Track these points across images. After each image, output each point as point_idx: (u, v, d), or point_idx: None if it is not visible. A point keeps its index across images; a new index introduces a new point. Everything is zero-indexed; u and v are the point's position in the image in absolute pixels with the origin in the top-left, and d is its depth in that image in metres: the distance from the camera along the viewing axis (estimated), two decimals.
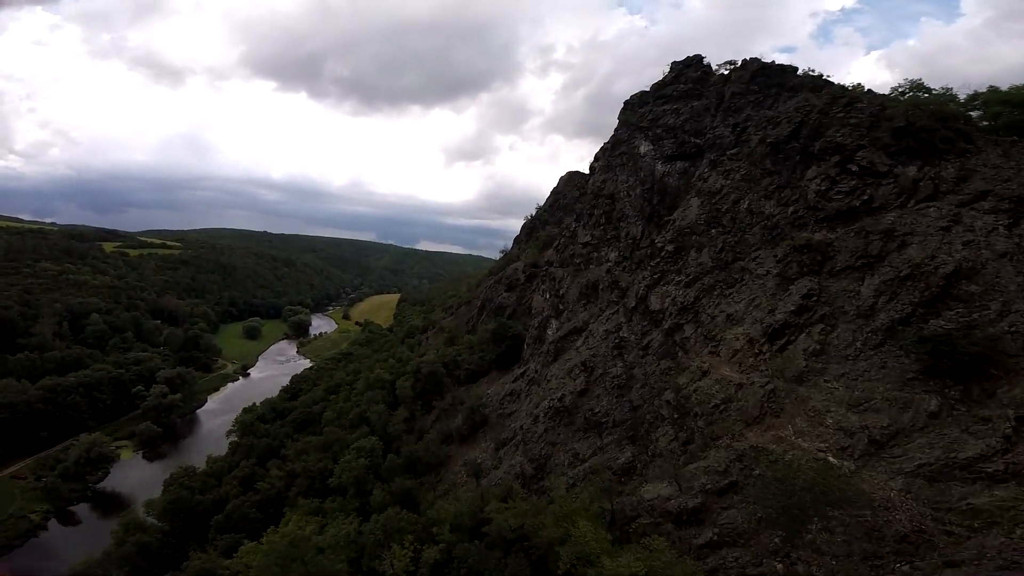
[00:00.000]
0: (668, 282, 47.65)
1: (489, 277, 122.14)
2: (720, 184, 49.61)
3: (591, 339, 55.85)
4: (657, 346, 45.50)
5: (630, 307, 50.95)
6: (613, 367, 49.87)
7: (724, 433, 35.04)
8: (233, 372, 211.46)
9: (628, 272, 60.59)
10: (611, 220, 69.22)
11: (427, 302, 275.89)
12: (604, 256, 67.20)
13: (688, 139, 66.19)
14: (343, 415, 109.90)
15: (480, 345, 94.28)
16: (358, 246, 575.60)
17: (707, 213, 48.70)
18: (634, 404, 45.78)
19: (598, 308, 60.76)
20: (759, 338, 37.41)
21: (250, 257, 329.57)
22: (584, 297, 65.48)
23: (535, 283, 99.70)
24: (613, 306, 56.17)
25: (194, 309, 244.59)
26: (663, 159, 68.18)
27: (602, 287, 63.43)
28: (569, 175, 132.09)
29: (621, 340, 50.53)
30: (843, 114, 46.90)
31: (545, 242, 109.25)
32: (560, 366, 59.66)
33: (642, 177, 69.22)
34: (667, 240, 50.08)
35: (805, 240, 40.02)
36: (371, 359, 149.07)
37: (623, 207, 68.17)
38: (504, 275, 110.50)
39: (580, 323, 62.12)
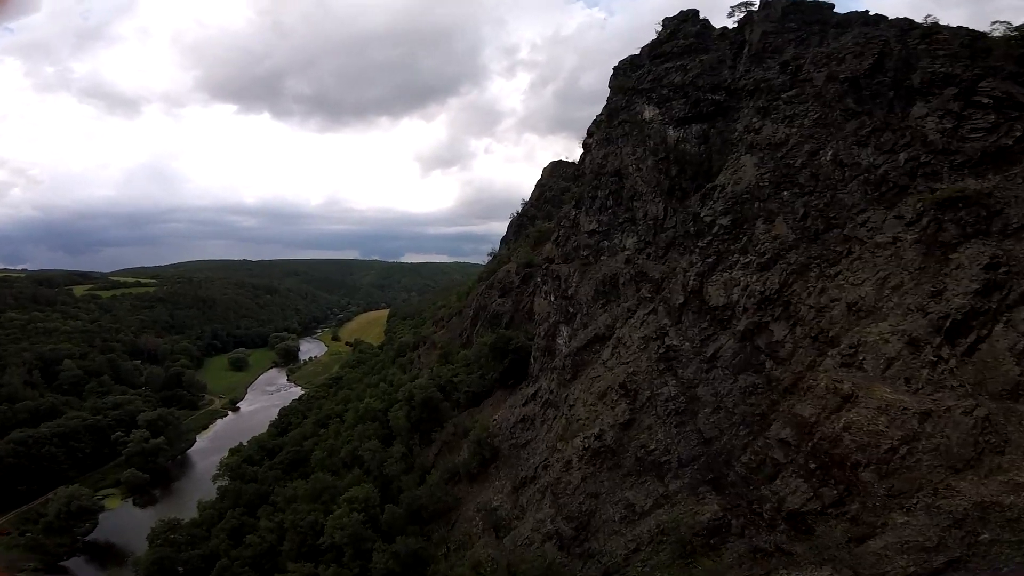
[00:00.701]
0: (730, 266, 34.73)
1: (479, 283, 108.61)
2: (783, 134, 36.85)
3: (624, 350, 42.57)
4: (731, 356, 32.58)
5: (676, 304, 37.78)
6: (664, 387, 36.76)
7: (915, 488, 22.18)
8: (221, 407, 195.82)
9: (656, 259, 47.52)
10: (621, 201, 56.31)
11: (417, 315, 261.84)
12: (619, 244, 54.25)
13: (704, 96, 53.76)
14: (334, 453, 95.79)
15: (478, 362, 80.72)
16: (342, 265, 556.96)
17: (771, 172, 35.82)
18: (706, 436, 32.73)
19: (624, 308, 47.60)
20: (928, 337, 24.67)
21: (230, 288, 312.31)
22: (602, 296, 52.39)
23: (532, 284, 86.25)
24: (647, 304, 42.95)
25: (174, 346, 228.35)
26: (674, 123, 55.76)
27: (623, 281, 50.34)
28: (553, 165, 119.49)
29: (669, 350, 37.36)
30: (925, 46, 35.00)
31: (537, 238, 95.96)
32: (584, 387, 46.34)
33: (652, 146, 56.57)
34: (717, 212, 37.01)
35: (956, 192, 27.38)
36: (361, 384, 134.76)
37: (634, 184, 55.25)
38: (496, 279, 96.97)
39: (602, 328, 48.94)
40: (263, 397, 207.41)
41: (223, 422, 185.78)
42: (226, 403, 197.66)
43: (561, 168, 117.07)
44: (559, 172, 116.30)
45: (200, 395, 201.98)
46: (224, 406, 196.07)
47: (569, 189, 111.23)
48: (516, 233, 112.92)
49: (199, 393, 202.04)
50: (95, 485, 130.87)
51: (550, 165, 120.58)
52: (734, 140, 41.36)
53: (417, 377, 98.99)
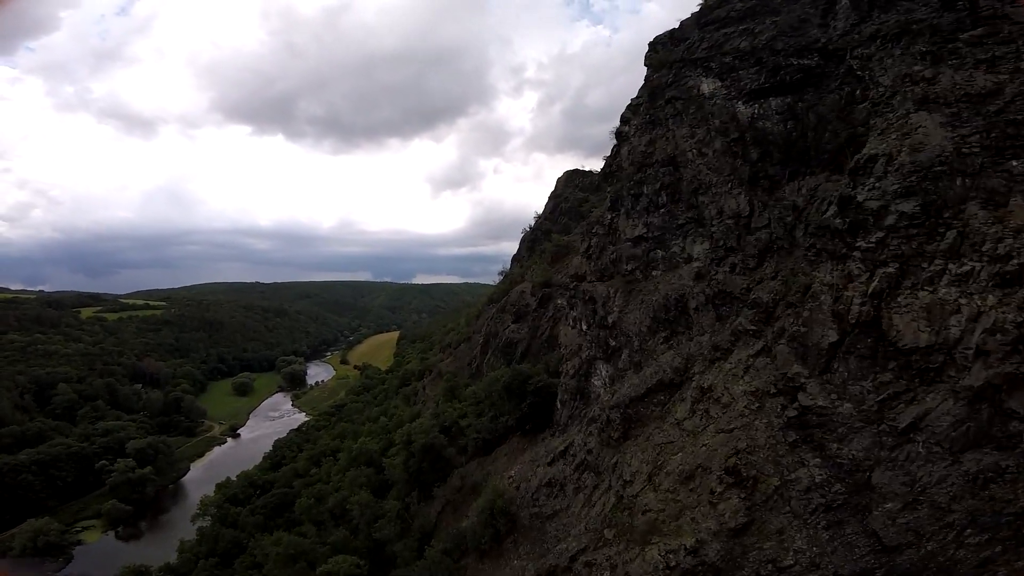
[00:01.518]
0: (931, 279, 19.40)
1: (490, 305, 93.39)
2: (987, 82, 21.62)
3: (716, 409, 27.05)
4: (949, 426, 17.24)
5: (819, 343, 22.27)
6: (801, 470, 21.29)
7: None
8: (220, 434, 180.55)
9: (745, 271, 32.31)
10: (679, 195, 41.55)
11: (426, 337, 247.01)
12: (680, 252, 39.33)
13: (787, 62, 39.06)
14: (323, 500, 79.98)
15: (490, 400, 65.00)
16: (353, 287, 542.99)
17: (980, 132, 20.58)
18: (887, 543, 17.31)
19: (705, 345, 32.31)
20: None
21: (238, 311, 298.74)
22: (663, 326, 37.21)
23: (551, 308, 70.85)
24: (750, 340, 27.44)
25: (177, 370, 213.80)
26: (744, 97, 41.06)
27: (695, 305, 35.00)
28: (568, 175, 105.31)
29: (807, 413, 21.93)
30: None
31: (555, 253, 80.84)
32: (648, 456, 30.94)
33: (718, 126, 41.80)
34: (889, 193, 21.74)
35: None
36: (362, 416, 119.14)
37: (696, 173, 40.50)
38: (508, 302, 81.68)
39: (668, 372, 33.74)
40: (265, 423, 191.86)
41: (220, 450, 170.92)
42: (225, 430, 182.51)
43: (577, 177, 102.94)
44: (575, 182, 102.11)
45: (199, 421, 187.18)
46: (223, 433, 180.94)
47: (587, 200, 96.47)
48: (530, 249, 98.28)
49: (198, 419, 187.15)
50: (75, 516, 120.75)
51: (565, 175, 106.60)
52: (898, 87, 26.09)
53: (419, 415, 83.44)
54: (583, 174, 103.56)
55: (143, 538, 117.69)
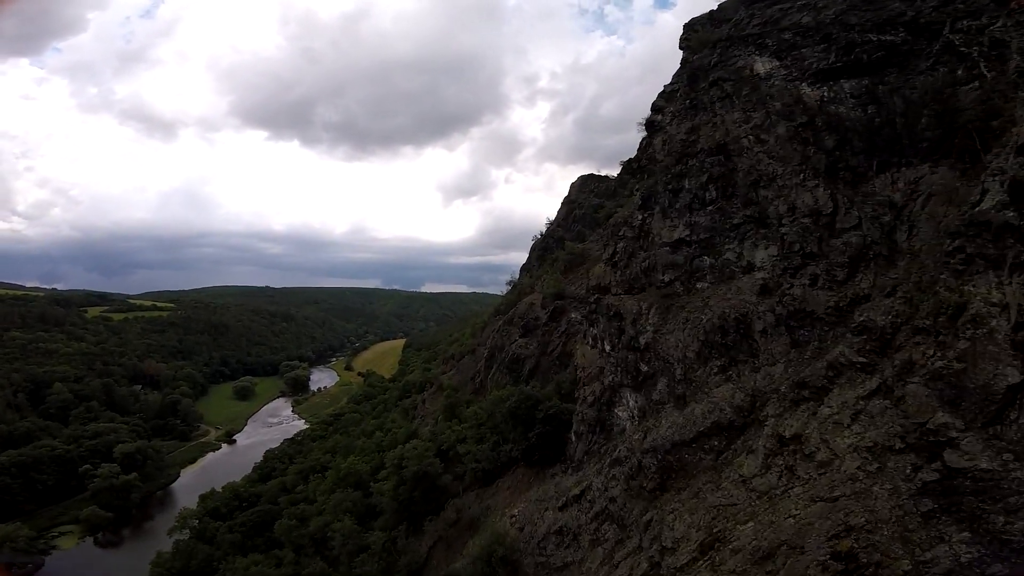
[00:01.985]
0: None
1: (496, 317, 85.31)
2: None
3: (808, 468, 18.81)
4: None
5: (992, 388, 14.40)
6: (940, 547, 13.00)
7: None
8: (215, 440, 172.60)
9: (831, 286, 24.24)
10: (731, 189, 33.86)
11: (432, 346, 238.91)
12: (738, 260, 31.58)
13: (864, 38, 31.74)
14: (304, 522, 71.96)
15: (493, 422, 56.75)
16: (362, 294, 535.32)
17: None
18: None
19: (785, 379, 24.18)
20: None
21: (245, 314, 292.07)
22: (717, 351, 29.33)
23: (564, 322, 62.62)
24: (858, 377, 19.26)
25: (178, 372, 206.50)
26: (809, 78, 33.33)
27: (762, 328, 27.38)
28: (582, 180, 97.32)
29: (952, 476, 13.76)
30: None
31: (569, 262, 72.78)
32: (700, 519, 22.94)
33: (780, 109, 33.88)
34: None
35: None
36: (357, 429, 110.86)
37: (755, 162, 32.76)
38: (516, 314, 73.55)
39: (728, 412, 26.15)
40: (262, 430, 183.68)
41: (214, 456, 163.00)
42: (221, 435, 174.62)
43: (593, 183, 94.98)
44: (590, 187, 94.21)
45: (196, 425, 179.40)
46: (219, 438, 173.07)
47: (603, 206, 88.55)
48: (540, 258, 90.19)
49: (195, 423, 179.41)
50: (53, 520, 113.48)
51: (579, 180, 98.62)
52: None
53: (415, 433, 75.19)
54: (599, 179, 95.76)
55: (123, 546, 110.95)
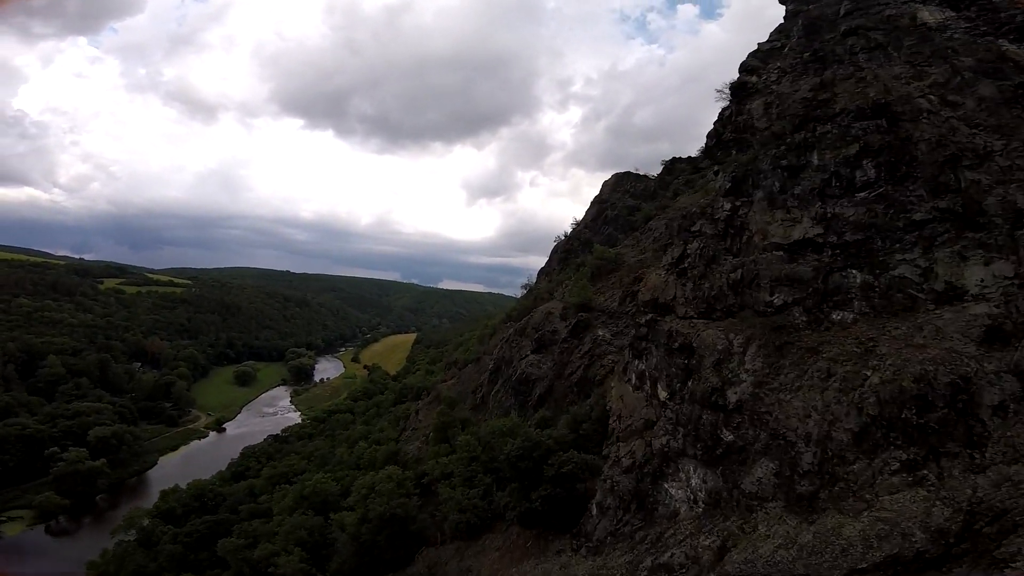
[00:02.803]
0: None
1: (506, 324, 71.23)
2: None
3: None
4: None
5: None
6: None
7: None
8: (204, 427, 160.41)
9: None
10: (907, 169, 17.89)
11: (441, 344, 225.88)
12: (924, 279, 15.99)
13: None
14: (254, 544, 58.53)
15: (488, 456, 42.64)
16: (379, 285, 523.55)
17: None
18: None
19: None
20: None
21: (259, 297, 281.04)
22: (897, 434, 13.93)
23: (588, 339, 48.13)
24: None
25: (180, 352, 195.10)
26: (1011, 34, 18.07)
27: (999, 401, 12.10)
28: (617, 178, 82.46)
29: None
30: None
31: (599, 268, 58.42)
32: None
33: (976, 66, 18.07)
34: None
35: None
36: (344, 433, 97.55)
37: (947, 132, 16.69)
38: (530, 323, 59.11)
39: (916, 539, 10.70)
40: (255, 420, 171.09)
41: (199, 444, 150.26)
42: (211, 422, 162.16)
43: (628, 182, 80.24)
44: (625, 187, 79.63)
45: (187, 410, 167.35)
46: (208, 425, 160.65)
47: (640, 208, 74.13)
48: (563, 261, 75.80)
49: (186, 407, 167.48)
50: (5, 504, 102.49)
51: (613, 178, 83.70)
52: None
53: (395, 456, 61.43)
54: (635, 179, 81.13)
55: (79, 534, 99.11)
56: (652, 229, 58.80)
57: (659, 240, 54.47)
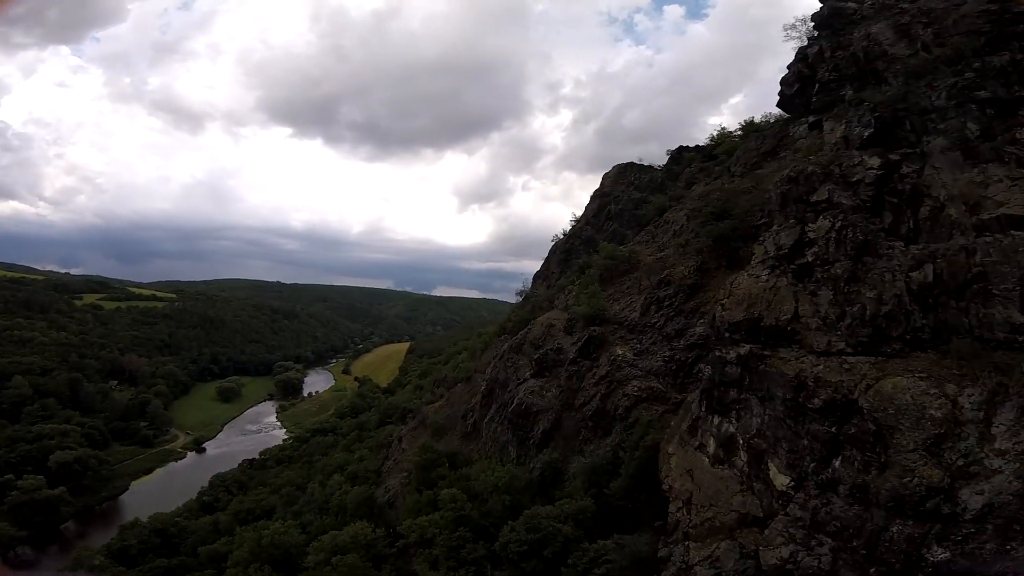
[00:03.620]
0: None
1: (501, 338, 60.13)
2: None
3: None
4: None
5: None
6: None
7: None
8: (182, 447, 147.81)
9: None
10: None
11: (436, 352, 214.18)
12: None
13: None
14: None
15: (480, 511, 31.53)
16: (372, 294, 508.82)
17: None
18: None
19: None
20: None
21: (245, 309, 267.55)
22: None
23: (604, 359, 37.03)
24: None
25: (159, 369, 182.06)
26: None
27: None
28: (619, 170, 71.37)
29: None
30: None
31: (609, 269, 47.49)
32: None
33: None
34: None
35: None
36: (321, 462, 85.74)
37: None
38: (528, 338, 48.01)
39: None
40: (238, 438, 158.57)
41: (176, 466, 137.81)
42: (189, 442, 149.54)
43: (632, 173, 69.46)
44: (629, 178, 68.88)
45: (165, 429, 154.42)
46: (185, 446, 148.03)
47: (646, 201, 63.82)
48: (563, 263, 64.67)
49: (163, 427, 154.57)
50: None
51: (615, 170, 72.67)
52: None
53: (370, 501, 49.91)
54: (640, 169, 70.51)
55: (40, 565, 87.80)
56: (670, 222, 48.13)
57: (681, 234, 43.83)
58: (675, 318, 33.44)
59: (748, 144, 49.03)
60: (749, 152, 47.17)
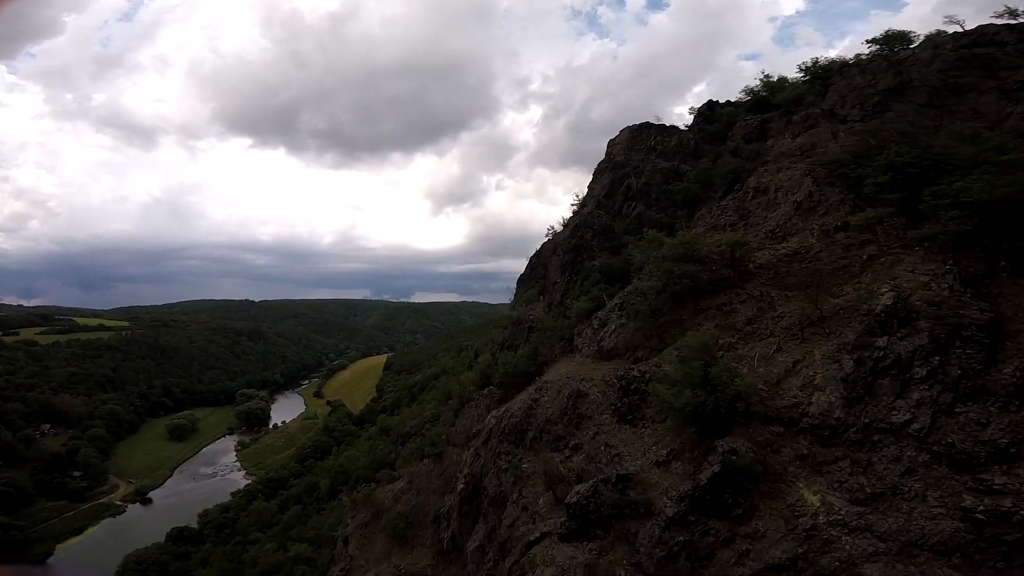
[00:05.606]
0: None
1: (480, 393, 38.00)
2: None
3: None
4: None
5: None
6: None
7: None
8: (121, 499, 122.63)
9: None
10: None
11: (414, 367, 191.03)
12: None
13: None
14: None
15: None
16: (346, 306, 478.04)
17: None
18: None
19: None
20: None
21: (204, 333, 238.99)
22: None
23: (767, 523, 15.65)
24: None
25: (97, 409, 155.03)
26: None
27: None
28: (633, 133, 49.32)
29: None
30: None
31: (692, 279, 25.06)
32: None
33: None
34: None
35: None
36: (260, 542, 62.59)
37: None
38: (537, 418, 25.84)
39: None
40: (188, 485, 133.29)
41: (113, 522, 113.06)
42: (131, 493, 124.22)
43: (651, 137, 47.40)
44: (647, 143, 46.97)
45: (103, 478, 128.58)
46: (126, 497, 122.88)
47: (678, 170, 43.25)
48: (569, 267, 42.25)
49: (101, 476, 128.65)
50: None
51: (627, 133, 50.63)
52: None
53: None
54: (661, 131, 48.73)
55: None
56: (769, 190, 26.88)
57: (820, 207, 22.73)
58: (960, 414, 12.23)
59: (852, 80, 32.57)
60: (860, 91, 31.66)
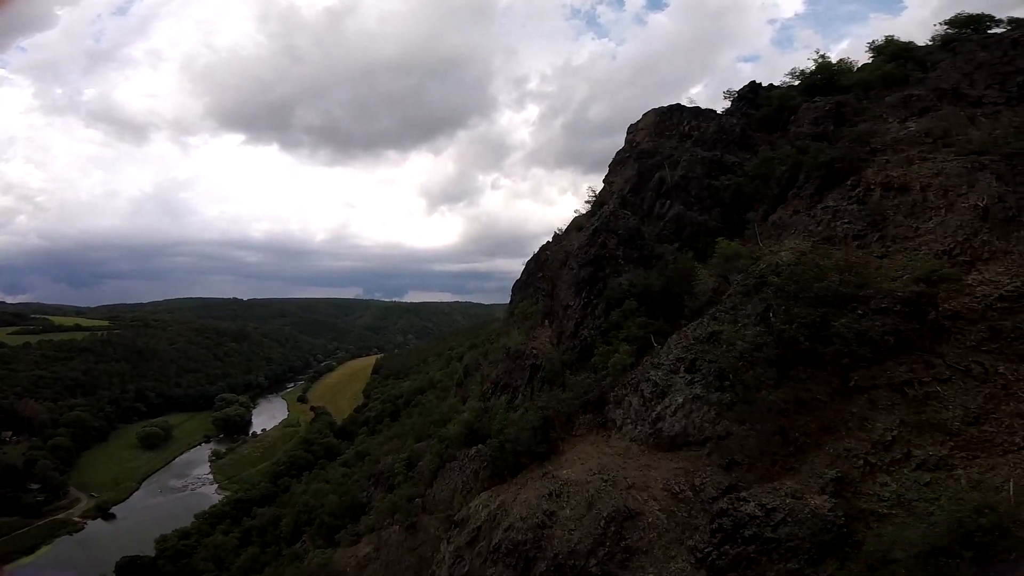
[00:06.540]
0: None
1: (472, 453, 28.26)
2: None
3: None
4: None
5: None
6: None
7: None
8: (80, 515, 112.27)
9: None
10: None
11: (405, 372, 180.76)
12: None
13: None
14: None
15: None
16: (337, 305, 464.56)
17: None
18: None
19: None
20: None
21: (184, 335, 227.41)
22: None
23: None
24: None
25: (63, 415, 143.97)
26: None
27: None
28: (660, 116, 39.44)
29: None
30: None
31: None
32: None
33: None
34: None
35: None
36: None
37: None
38: (513, 525, 22.78)
39: None
40: (156, 499, 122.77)
41: (70, 540, 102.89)
42: (92, 507, 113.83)
43: (684, 121, 37.79)
44: (680, 129, 37.58)
45: (63, 492, 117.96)
46: (86, 512, 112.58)
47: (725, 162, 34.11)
48: (587, 284, 32.86)
49: (61, 489, 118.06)
50: None
51: (654, 117, 41.04)
52: None
53: None
54: (697, 115, 39.52)
55: None
56: (897, 187, 17.41)
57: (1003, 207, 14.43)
58: None
59: (974, 57, 23.38)
60: (993, 69, 26.06)
